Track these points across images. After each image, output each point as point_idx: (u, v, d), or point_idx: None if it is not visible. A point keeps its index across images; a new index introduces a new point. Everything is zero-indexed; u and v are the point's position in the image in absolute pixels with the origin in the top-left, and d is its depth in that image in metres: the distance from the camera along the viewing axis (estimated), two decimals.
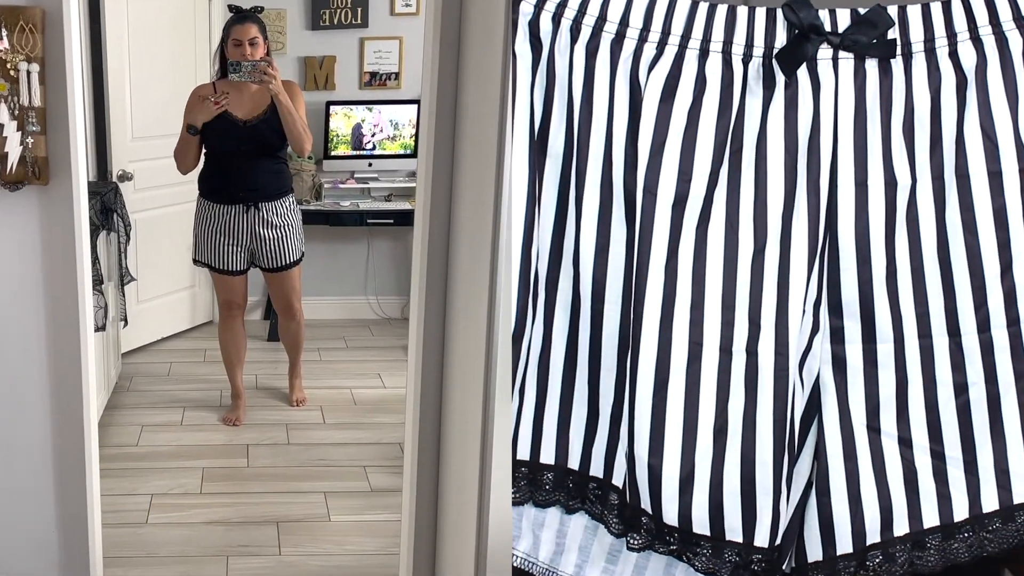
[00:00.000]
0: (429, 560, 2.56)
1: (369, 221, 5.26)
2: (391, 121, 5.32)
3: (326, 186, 5.34)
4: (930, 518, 1.45)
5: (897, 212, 1.43)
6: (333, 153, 5.33)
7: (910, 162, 1.43)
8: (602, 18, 1.45)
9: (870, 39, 1.41)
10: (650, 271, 1.42)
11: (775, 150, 1.43)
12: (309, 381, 4.50)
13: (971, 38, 1.43)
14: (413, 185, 5.34)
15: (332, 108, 5.26)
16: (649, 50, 1.45)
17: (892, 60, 1.43)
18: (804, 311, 1.43)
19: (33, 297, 2.29)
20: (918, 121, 1.44)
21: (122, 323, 4.34)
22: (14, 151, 2.14)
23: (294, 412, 4.29)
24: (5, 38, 2.10)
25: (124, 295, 4.30)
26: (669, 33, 1.44)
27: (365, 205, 5.31)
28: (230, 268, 3.97)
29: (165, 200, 4.79)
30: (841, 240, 1.43)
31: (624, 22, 1.45)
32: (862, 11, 1.43)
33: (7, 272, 2.28)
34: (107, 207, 4.04)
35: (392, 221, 5.27)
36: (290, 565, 3.11)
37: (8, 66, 2.12)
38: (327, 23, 5.25)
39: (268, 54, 3.79)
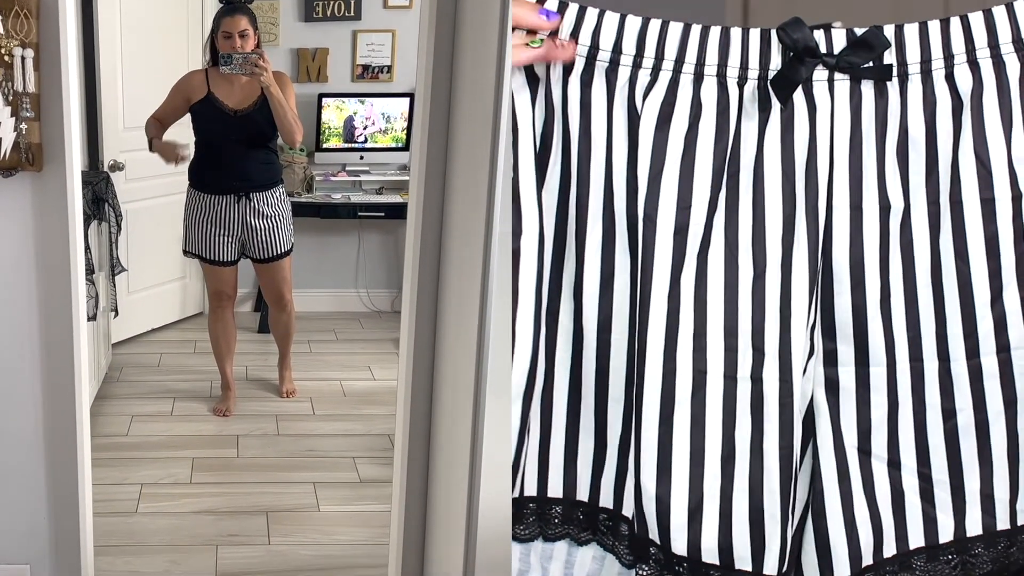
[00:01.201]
0: (418, 551, 2.57)
1: (360, 214, 5.26)
2: (383, 114, 5.32)
3: (317, 178, 5.34)
4: (916, 538, 1.45)
5: (891, 236, 1.42)
6: (325, 146, 5.33)
7: (904, 186, 1.42)
8: (595, 47, 1.43)
9: (866, 61, 1.40)
10: (652, 301, 1.41)
11: (772, 174, 1.41)
12: (299, 373, 4.50)
13: (968, 61, 1.40)
14: (404, 178, 5.35)
15: (324, 100, 5.25)
16: (644, 76, 1.43)
17: (888, 82, 1.41)
18: (806, 336, 1.42)
19: (26, 284, 2.29)
20: (913, 145, 1.41)
21: (112, 313, 4.34)
22: (8, 137, 2.14)
23: (284, 403, 4.30)
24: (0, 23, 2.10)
25: (115, 285, 4.30)
26: (663, 58, 1.42)
27: (356, 198, 5.31)
28: (220, 259, 3.97)
29: (156, 191, 4.79)
30: (836, 263, 1.42)
31: (617, 49, 1.43)
32: (859, 32, 1.40)
33: (0, 259, 2.27)
34: (98, 197, 4.03)
35: (383, 214, 5.27)
36: (279, 554, 3.12)
37: (2, 51, 2.12)
38: (320, 15, 5.25)
39: (259, 45, 3.78)
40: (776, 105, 1.41)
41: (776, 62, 1.42)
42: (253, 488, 3.53)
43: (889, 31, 1.41)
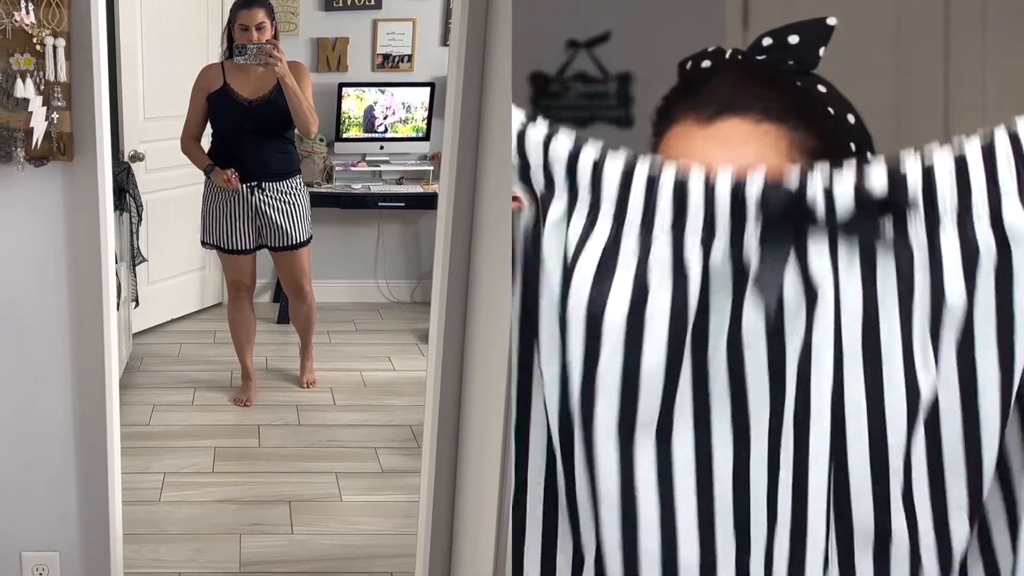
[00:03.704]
0: (446, 542, 2.57)
1: (380, 204, 5.26)
2: (403, 104, 5.31)
3: (337, 168, 5.34)
4: None
5: (915, 435, 1.04)
6: (345, 135, 5.33)
7: (938, 367, 1.03)
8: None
9: (879, 213, 0.98)
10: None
11: (757, 385, 1.03)
12: (319, 363, 4.50)
13: (1020, 191, 1.00)
14: (425, 168, 5.35)
15: (344, 90, 5.25)
16: (578, 219, 1.05)
17: (912, 235, 1.01)
18: None
19: (56, 273, 2.29)
20: (950, 316, 1.02)
21: (133, 303, 4.35)
22: (39, 126, 2.14)
23: (304, 393, 4.30)
24: (32, 12, 2.10)
25: (135, 275, 4.31)
26: (598, 211, 1.04)
27: (376, 188, 5.31)
28: (237, 248, 3.99)
29: (176, 181, 4.79)
30: (853, 489, 1.05)
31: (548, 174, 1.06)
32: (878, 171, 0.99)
33: (31, 247, 2.28)
34: (119, 187, 4.04)
35: (403, 204, 5.27)
36: (302, 544, 3.12)
37: (34, 41, 2.12)
38: (340, 4, 5.24)
39: (276, 36, 3.79)
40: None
41: (753, 226, 1.01)
42: (275, 478, 3.54)
43: (913, 166, 1.00)
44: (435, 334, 2.42)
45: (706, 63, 1.15)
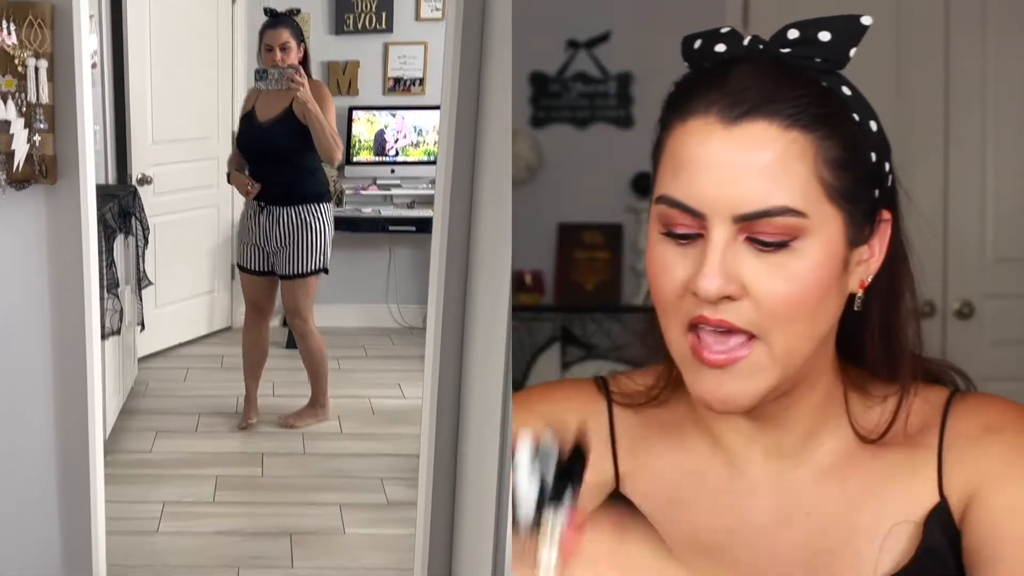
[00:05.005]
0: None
1: (391, 228, 5.23)
2: (415, 127, 5.27)
3: (348, 192, 5.30)
4: None
5: None
6: (355, 159, 5.29)
7: None
8: None
9: None
10: None
11: None
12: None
13: None
14: None
15: (355, 113, 5.22)
16: None
17: None
18: None
19: (39, 299, 2.24)
20: None
21: (139, 327, 4.30)
22: (21, 149, 2.09)
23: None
24: (13, 33, 2.05)
25: (141, 299, 4.26)
26: None
27: (387, 212, 5.28)
28: (251, 268, 3.98)
29: (184, 204, 4.76)
30: None
31: None
32: None
33: (12, 273, 2.23)
34: (125, 210, 4.00)
35: (414, 228, 5.22)
36: None
37: (16, 62, 2.07)
38: (351, 28, 5.21)
39: (305, 57, 3.76)
40: None
41: None
42: (277, 509, 3.46)
43: None
44: (430, 361, 2.35)
45: (720, 47, 1.04)
